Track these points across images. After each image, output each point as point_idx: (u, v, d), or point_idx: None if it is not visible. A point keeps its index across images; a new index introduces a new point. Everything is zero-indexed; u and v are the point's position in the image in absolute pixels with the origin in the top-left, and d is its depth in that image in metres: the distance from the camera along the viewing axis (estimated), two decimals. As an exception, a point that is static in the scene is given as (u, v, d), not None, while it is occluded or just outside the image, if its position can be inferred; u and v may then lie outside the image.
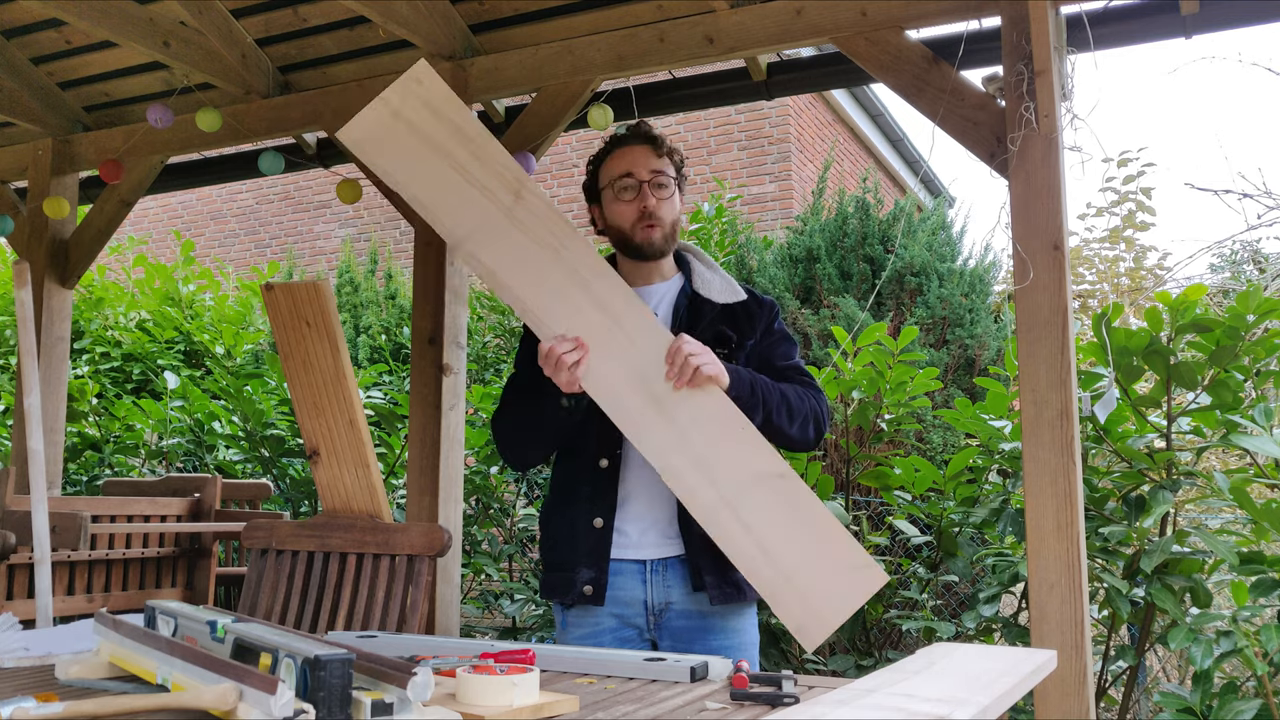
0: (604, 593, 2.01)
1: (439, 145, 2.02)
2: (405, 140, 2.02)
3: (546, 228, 2.01)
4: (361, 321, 7.52)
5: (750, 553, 1.87)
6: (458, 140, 2.02)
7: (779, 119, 8.76)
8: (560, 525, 2.10)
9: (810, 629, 1.84)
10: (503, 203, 2.01)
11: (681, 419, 1.91)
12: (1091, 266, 8.11)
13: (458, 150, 2.02)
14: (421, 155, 2.02)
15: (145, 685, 1.36)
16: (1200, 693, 2.39)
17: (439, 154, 2.01)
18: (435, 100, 2.04)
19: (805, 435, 2.05)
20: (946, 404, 5.20)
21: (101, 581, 3.49)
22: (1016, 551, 2.84)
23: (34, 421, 2.30)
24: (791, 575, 1.85)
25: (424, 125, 2.02)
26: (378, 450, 3.92)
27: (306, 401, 2.36)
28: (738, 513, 1.88)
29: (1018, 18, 2.30)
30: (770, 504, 1.89)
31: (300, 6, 3.14)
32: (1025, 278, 2.24)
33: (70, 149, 3.79)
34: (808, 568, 1.86)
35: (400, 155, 2.01)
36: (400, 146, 2.01)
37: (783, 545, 1.87)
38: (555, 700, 1.29)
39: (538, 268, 1.98)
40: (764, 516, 1.88)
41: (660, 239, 2.10)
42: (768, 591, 1.86)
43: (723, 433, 1.91)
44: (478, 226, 2.00)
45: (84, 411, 5.05)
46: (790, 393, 2.03)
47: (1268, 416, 2.52)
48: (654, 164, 2.11)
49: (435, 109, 2.03)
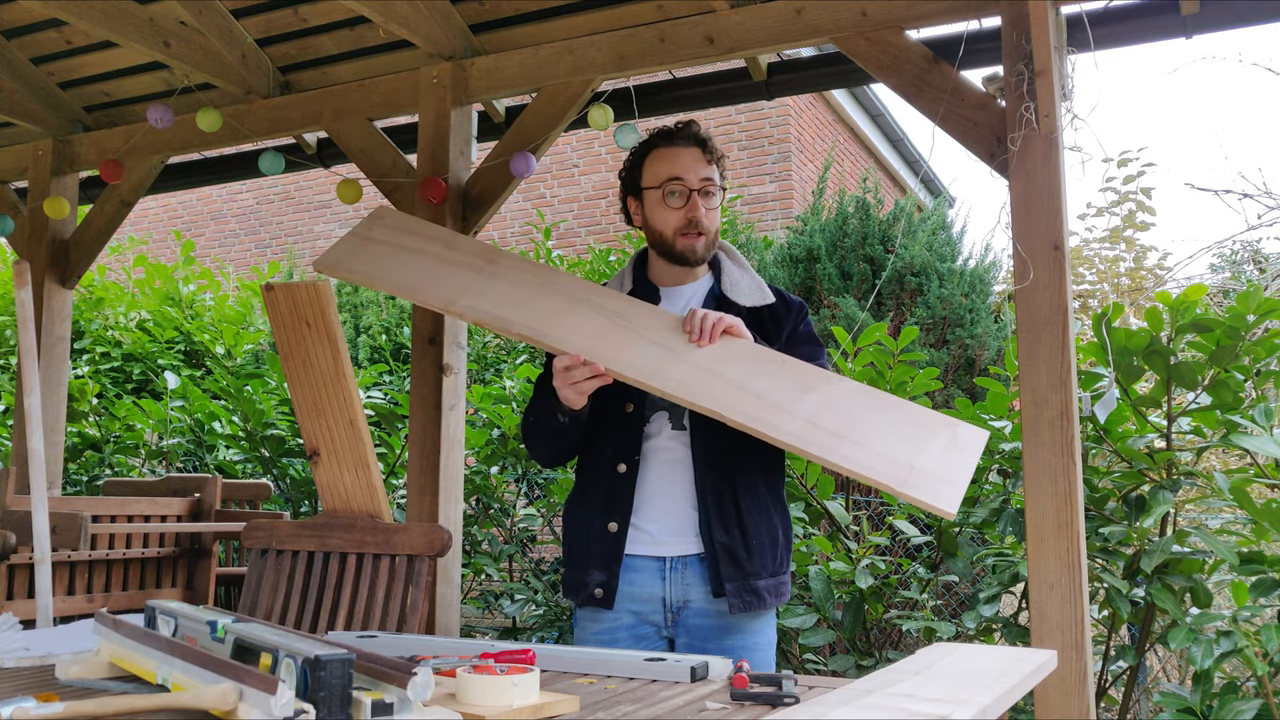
0: (614, 596, 2.01)
1: (412, 247, 2.27)
2: (378, 252, 2.26)
3: (527, 271, 2.18)
4: (361, 321, 7.52)
5: (857, 455, 1.82)
6: (428, 241, 2.28)
7: (779, 119, 8.76)
8: (576, 527, 2.11)
9: (944, 494, 1.77)
10: (482, 269, 2.21)
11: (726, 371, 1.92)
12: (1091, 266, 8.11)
13: (430, 247, 2.27)
14: (397, 257, 2.26)
15: (145, 685, 1.36)
16: (1200, 693, 2.39)
17: (413, 252, 2.26)
18: (401, 224, 2.33)
19: None
20: (946, 404, 5.20)
21: (101, 581, 3.49)
22: (1016, 551, 2.84)
23: (34, 421, 2.30)
24: (902, 456, 1.82)
25: (394, 239, 2.29)
26: (378, 450, 3.92)
27: (306, 402, 2.36)
28: (826, 427, 1.85)
29: (1018, 18, 2.30)
30: (850, 410, 1.88)
31: (300, 6, 3.14)
32: (1025, 278, 2.24)
33: (70, 149, 3.79)
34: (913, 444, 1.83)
35: (377, 263, 2.24)
36: (375, 257, 2.25)
37: (881, 435, 1.85)
38: (555, 700, 1.29)
39: (533, 299, 2.10)
40: (852, 422, 1.86)
41: (704, 248, 2.08)
42: (888, 477, 1.79)
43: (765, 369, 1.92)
44: (464, 288, 2.16)
45: (84, 411, 5.04)
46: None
47: (1268, 416, 2.52)
48: (704, 170, 2.07)
49: (403, 229, 2.32)
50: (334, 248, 2.25)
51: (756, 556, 1.99)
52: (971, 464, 1.83)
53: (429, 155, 3.04)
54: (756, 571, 1.99)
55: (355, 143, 3.22)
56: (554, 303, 2.08)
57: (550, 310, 2.07)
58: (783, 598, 2.05)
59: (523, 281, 2.14)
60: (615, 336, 1.98)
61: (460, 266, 2.19)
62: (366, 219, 2.35)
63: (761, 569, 2.00)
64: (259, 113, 3.38)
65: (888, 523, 3.55)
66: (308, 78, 3.36)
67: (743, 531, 1.98)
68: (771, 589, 2.02)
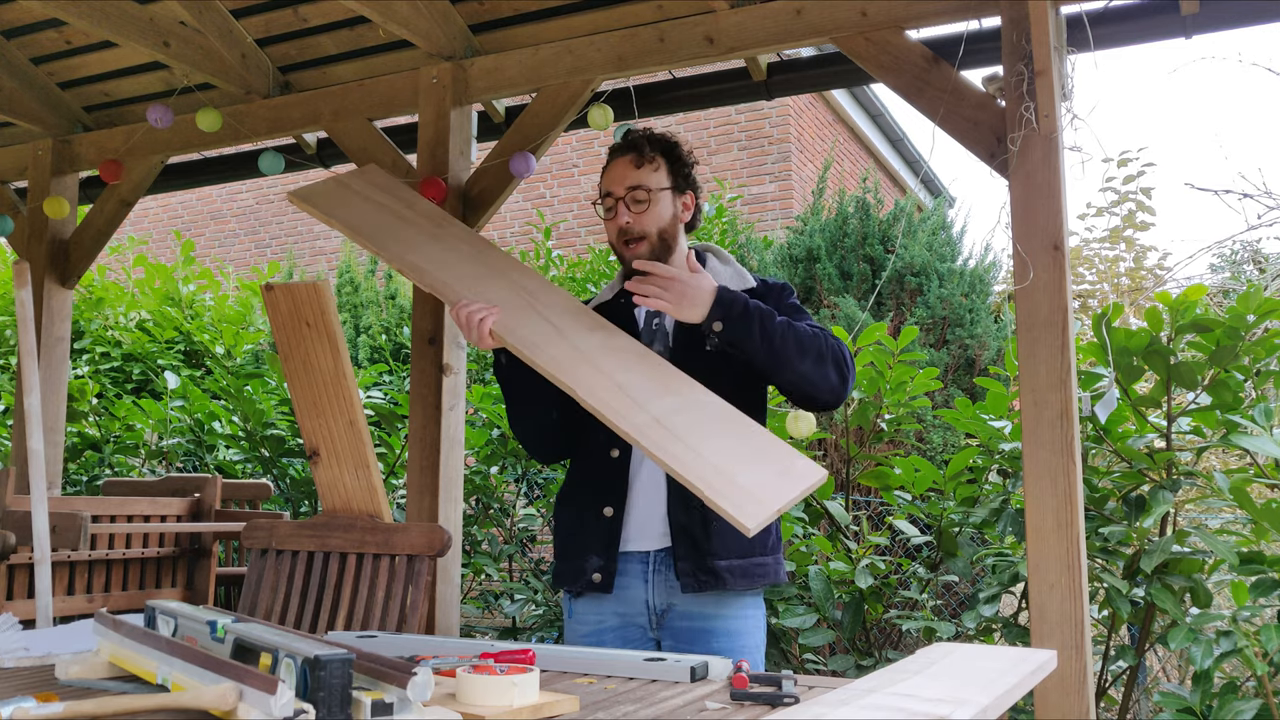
0: (613, 581, 2.01)
1: (379, 201, 2.45)
2: (349, 199, 2.43)
3: (465, 241, 2.35)
4: (361, 321, 7.52)
5: (685, 457, 1.82)
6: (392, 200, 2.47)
7: (779, 119, 8.76)
8: (571, 514, 2.11)
9: (749, 510, 1.75)
10: (427, 230, 2.38)
11: (601, 363, 1.97)
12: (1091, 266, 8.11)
13: (391, 204, 2.45)
14: (362, 206, 2.42)
15: (145, 685, 1.36)
16: (1200, 693, 2.39)
17: (378, 206, 2.43)
18: (380, 181, 2.52)
19: (826, 376, 1.94)
20: (946, 404, 5.20)
21: (101, 581, 3.49)
22: (1016, 551, 2.84)
23: (34, 421, 2.30)
24: (726, 467, 1.81)
25: (368, 192, 2.46)
26: (378, 450, 3.92)
27: (306, 402, 2.36)
28: (671, 428, 1.86)
29: (1018, 18, 2.30)
30: (703, 419, 1.89)
31: (300, 6, 3.14)
32: (1025, 278, 2.24)
33: (70, 149, 3.79)
34: (745, 462, 1.83)
35: (343, 207, 2.40)
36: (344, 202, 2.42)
37: (717, 446, 1.84)
38: (555, 700, 1.29)
39: (457, 262, 2.26)
40: (698, 428, 1.87)
41: (646, 251, 2.07)
42: (703, 481, 1.78)
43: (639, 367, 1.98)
44: (407, 244, 2.32)
45: (84, 411, 5.04)
46: (801, 326, 1.95)
47: (1268, 416, 2.52)
48: (631, 178, 2.07)
49: (380, 186, 2.49)
50: (313, 185, 2.41)
51: (716, 537, 1.96)
52: (792, 493, 1.81)
53: (429, 155, 3.04)
54: (715, 551, 1.96)
55: (355, 143, 3.21)
56: (474, 269, 2.23)
57: (467, 275, 2.21)
58: (753, 581, 2.00)
59: (456, 249, 2.31)
60: (515, 305, 2.10)
61: (409, 225, 2.38)
62: (354, 171, 2.55)
63: (722, 549, 1.96)
64: (259, 113, 3.38)
65: (888, 523, 3.55)
66: (308, 78, 3.36)
67: (702, 512, 1.94)
68: (736, 571, 1.97)
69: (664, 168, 2.09)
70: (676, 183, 2.11)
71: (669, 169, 2.10)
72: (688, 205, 2.14)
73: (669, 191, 2.09)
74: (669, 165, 2.10)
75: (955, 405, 3.14)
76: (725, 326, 1.90)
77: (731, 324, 1.89)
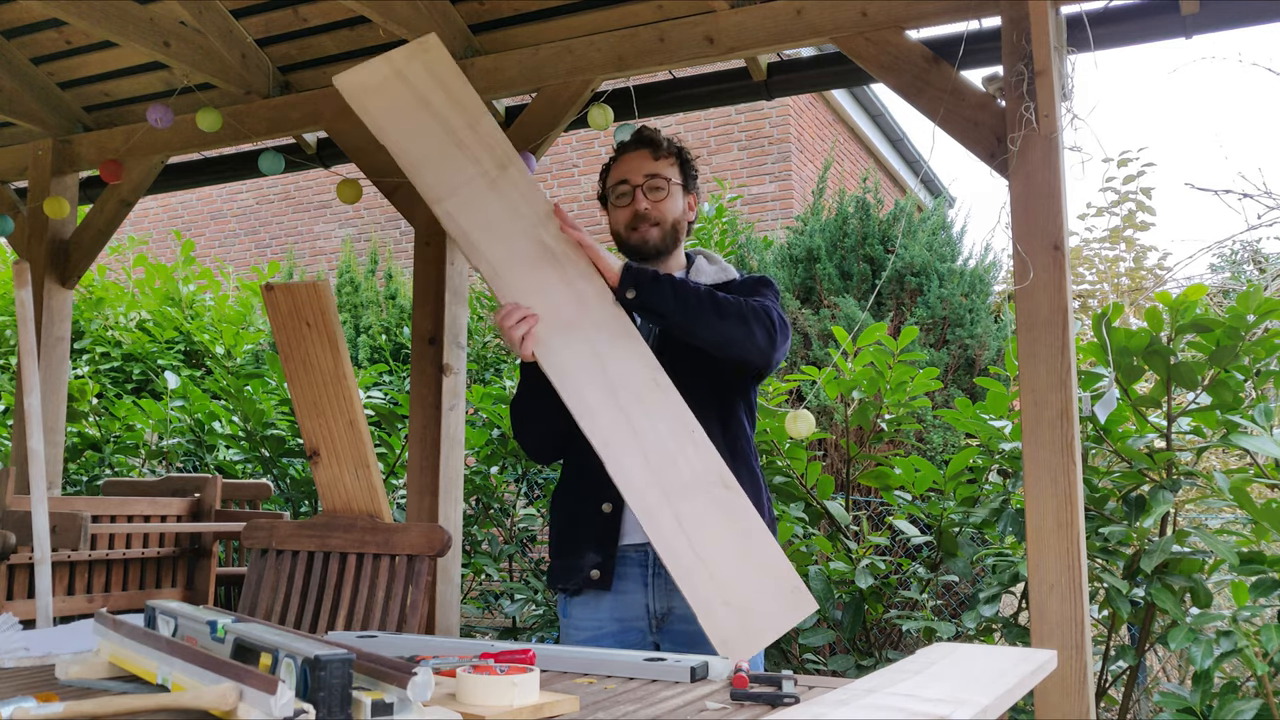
0: (611, 578, 2.00)
1: (434, 109, 2.05)
2: (401, 96, 2.04)
3: (528, 203, 2.03)
4: (361, 321, 7.53)
5: (686, 560, 1.85)
6: (454, 109, 2.06)
7: (779, 119, 8.75)
8: (567, 511, 2.10)
9: (738, 644, 1.81)
10: (488, 172, 2.04)
11: (632, 414, 1.92)
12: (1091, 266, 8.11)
13: (453, 117, 2.05)
14: (415, 113, 2.04)
15: (145, 685, 1.36)
16: (1200, 693, 2.39)
17: (433, 116, 2.04)
18: (439, 68, 2.07)
19: (750, 332, 1.97)
20: (946, 404, 5.20)
21: (101, 581, 3.49)
22: (1016, 551, 2.84)
23: (34, 421, 2.30)
24: (725, 589, 1.84)
25: (423, 87, 2.05)
26: (378, 450, 3.92)
27: (306, 402, 2.36)
28: (678, 516, 1.87)
29: (1018, 18, 2.30)
30: (710, 513, 1.88)
31: (300, 6, 3.14)
32: (1025, 278, 2.24)
33: (70, 149, 3.79)
34: (743, 583, 1.84)
35: (393, 109, 2.03)
36: (395, 101, 2.04)
37: (718, 557, 1.85)
38: (555, 700, 1.29)
39: (512, 238, 2.01)
40: (703, 525, 1.87)
41: (658, 237, 2.14)
42: (700, 602, 1.84)
43: (673, 432, 1.91)
44: (459, 189, 2.02)
45: (84, 411, 5.04)
46: (721, 295, 1.99)
47: (1268, 416, 2.52)
48: (649, 167, 2.16)
49: (438, 76, 2.06)
50: (363, 68, 2.05)
51: None
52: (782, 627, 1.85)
53: (429, 155, 3.04)
54: None
55: (355, 143, 3.21)
56: (530, 253, 1.99)
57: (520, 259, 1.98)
58: None
59: (519, 212, 2.02)
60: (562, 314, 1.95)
61: (470, 159, 2.04)
62: (410, 47, 2.08)
63: None
64: (259, 113, 3.38)
65: (888, 523, 3.55)
66: (308, 78, 3.36)
67: None
68: None
69: (676, 165, 2.19)
70: (686, 182, 2.20)
71: (680, 169, 2.20)
72: (692, 205, 2.23)
73: (681, 187, 2.19)
74: (680, 166, 2.20)
75: (955, 405, 3.14)
76: (638, 293, 1.96)
77: (644, 288, 1.96)
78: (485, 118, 2.07)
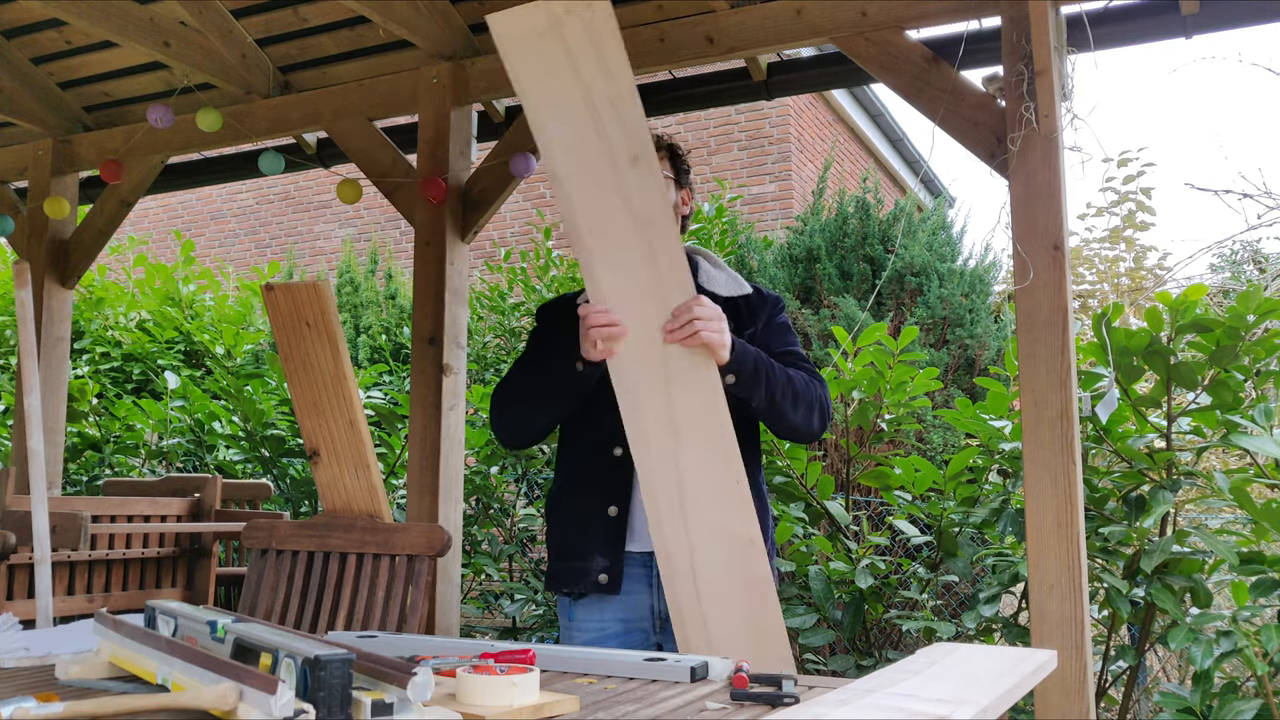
0: (620, 582, 2.00)
1: (581, 73, 1.91)
2: (550, 52, 1.91)
3: (647, 203, 1.93)
4: (361, 321, 7.53)
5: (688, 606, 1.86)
6: (603, 77, 1.92)
7: (779, 119, 8.75)
8: (571, 514, 2.09)
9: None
10: (618, 162, 1.93)
11: (684, 453, 1.90)
12: (1091, 266, 8.11)
13: (598, 86, 1.92)
14: (561, 80, 1.91)
15: (145, 685, 1.36)
16: (1200, 693, 2.39)
17: (578, 80, 1.91)
18: (599, 32, 1.92)
19: (810, 423, 2.05)
20: (946, 404, 5.20)
21: (101, 581, 3.49)
22: (1016, 551, 2.84)
23: (34, 421, 2.30)
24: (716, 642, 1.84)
25: (576, 47, 1.91)
26: (378, 450, 3.92)
27: (306, 402, 2.36)
28: (694, 564, 1.87)
29: (1018, 18, 2.30)
30: (727, 566, 1.87)
31: (300, 6, 3.14)
32: (1025, 278, 2.24)
33: (70, 149, 3.79)
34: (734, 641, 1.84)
35: (539, 65, 1.91)
36: (543, 56, 1.91)
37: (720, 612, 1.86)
38: (555, 700, 1.29)
39: (621, 235, 1.92)
40: (716, 576, 1.87)
41: None
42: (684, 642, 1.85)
43: (718, 482, 1.90)
44: (582, 170, 1.92)
45: (84, 411, 5.04)
46: (797, 378, 2.03)
47: (1268, 416, 2.52)
48: None
49: (595, 39, 1.93)
50: (520, 10, 1.91)
51: None
52: None
53: (429, 155, 3.04)
54: None
55: (355, 143, 3.22)
56: (633, 254, 1.90)
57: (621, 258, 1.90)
58: None
59: (635, 211, 1.92)
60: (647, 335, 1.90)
61: (605, 140, 1.92)
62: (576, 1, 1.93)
63: None
64: (259, 113, 3.38)
65: (888, 523, 3.55)
66: (308, 78, 3.36)
67: None
68: None
69: (668, 160, 2.19)
70: (679, 177, 2.20)
71: (671, 163, 2.19)
72: (685, 200, 2.22)
73: (672, 181, 2.18)
74: (671, 160, 2.20)
75: (955, 405, 3.14)
76: (737, 381, 1.94)
77: (743, 381, 1.94)
78: (631, 99, 1.94)
